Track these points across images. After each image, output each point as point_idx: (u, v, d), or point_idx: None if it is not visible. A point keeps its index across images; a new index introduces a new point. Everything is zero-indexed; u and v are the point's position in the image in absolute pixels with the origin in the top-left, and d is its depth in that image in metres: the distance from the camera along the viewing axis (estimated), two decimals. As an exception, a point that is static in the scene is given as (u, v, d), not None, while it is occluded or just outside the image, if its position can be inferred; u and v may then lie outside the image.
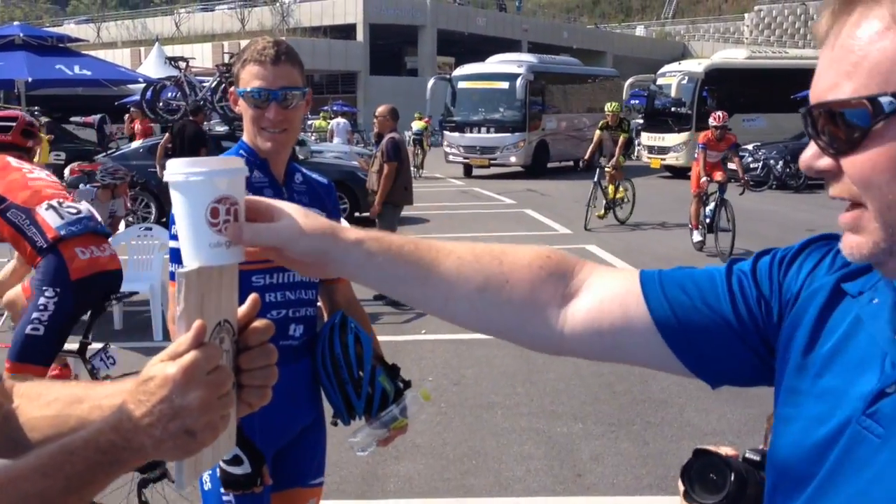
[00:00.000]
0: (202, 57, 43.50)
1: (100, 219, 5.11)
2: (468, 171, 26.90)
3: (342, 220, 9.68)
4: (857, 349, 0.99)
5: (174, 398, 1.01)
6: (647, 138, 26.57)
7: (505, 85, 26.49)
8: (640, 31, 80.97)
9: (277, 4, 59.62)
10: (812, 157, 0.94)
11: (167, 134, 14.40)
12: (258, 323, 1.14)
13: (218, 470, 2.46)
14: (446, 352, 7.44)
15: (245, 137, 2.63)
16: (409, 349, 7.42)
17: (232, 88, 2.64)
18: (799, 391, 1.04)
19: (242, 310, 1.14)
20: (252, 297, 1.15)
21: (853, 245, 0.94)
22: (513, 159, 26.18)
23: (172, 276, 2.43)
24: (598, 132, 15.73)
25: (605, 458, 5.13)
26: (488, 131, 26.19)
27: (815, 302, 1.06)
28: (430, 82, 28.03)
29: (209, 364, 1.02)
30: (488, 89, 26.77)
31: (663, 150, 25.32)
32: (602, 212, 15.58)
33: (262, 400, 1.15)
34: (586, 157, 15.73)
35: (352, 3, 56.76)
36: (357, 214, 14.38)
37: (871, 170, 0.89)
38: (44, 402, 1.26)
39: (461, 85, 27.34)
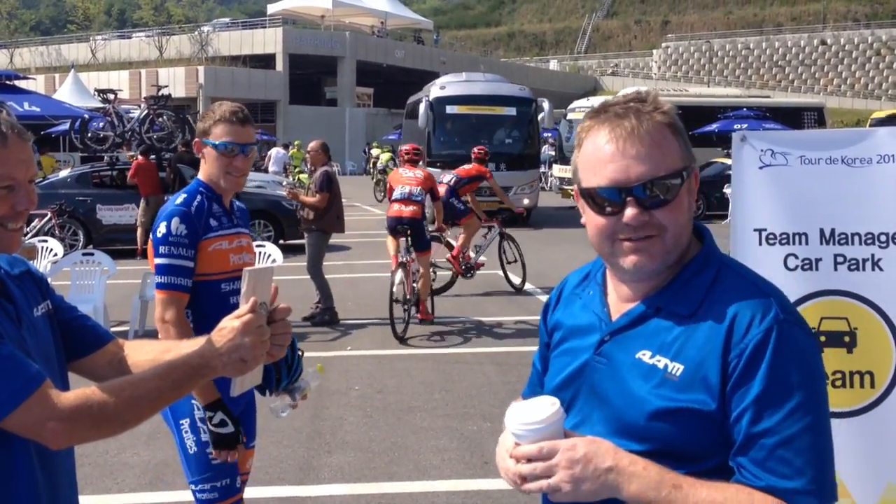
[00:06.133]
0: (119, 84, 43.45)
1: None
2: None
3: (269, 244, 10.30)
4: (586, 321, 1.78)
5: (236, 339, 1.82)
6: (558, 170, 27.78)
7: (512, 111, 21.71)
8: (553, 65, 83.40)
9: (196, 33, 59.77)
10: (635, 213, 1.60)
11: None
12: (282, 306, 1.95)
13: (209, 434, 3.23)
14: (370, 365, 8.23)
15: (203, 177, 3.45)
16: (337, 363, 8.18)
17: (197, 139, 3.46)
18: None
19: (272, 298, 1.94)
20: (274, 287, 1.96)
21: (649, 259, 1.62)
22: (526, 202, 20.12)
23: (159, 285, 3.28)
24: None
25: (508, 449, 5.98)
26: (497, 168, 19.05)
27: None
28: (423, 105, 21.53)
29: (257, 322, 1.85)
30: (488, 116, 21.70)
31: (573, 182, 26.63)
32: None
33: (280, 353, 1.95)
34: None
35: (271, 34, 57.38)
36: (282, 242, 15.05)
37: (674, 212, 1.61)
38: (143, 351, 2.07)
39: (450, 110, 21.55)
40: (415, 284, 9.82)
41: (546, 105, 21.82)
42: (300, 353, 3.61)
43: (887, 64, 69.61)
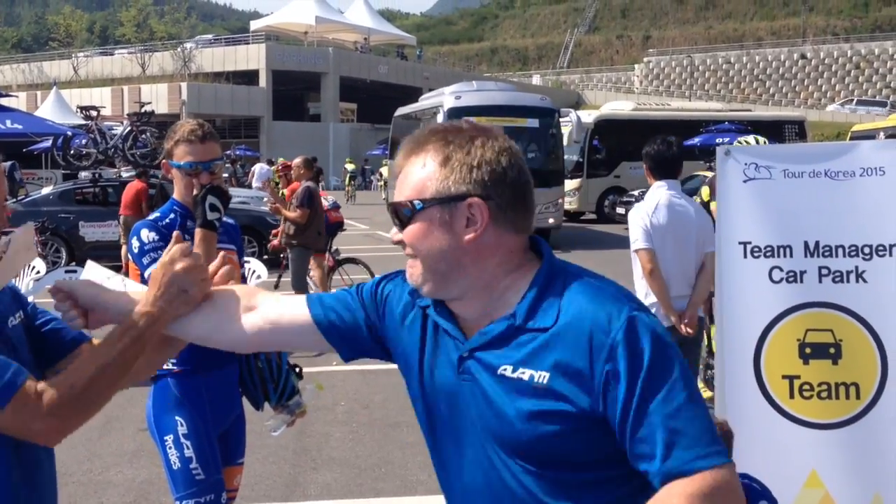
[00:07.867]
0: (101, 100, 43.35)
1: None
2: None
3: (253, 259, 10.46)
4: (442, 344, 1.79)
5: (168, 273, 1.87)
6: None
7: (534, 122, 19.62)
8: (536, 79, 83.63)
9: (179, 49, 59.63)
10: (394, 232, 1.76)
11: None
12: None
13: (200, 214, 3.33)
14: (356, 380, 8.21)
15: (176, 196, 3.50)
16: (322, 378, 8.07)
17: (164, 160, 3.53)
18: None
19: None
20: (221, 254, 2.06)
21: (412, 276, 1.74)
22: (550, 221, 19.00)
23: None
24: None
25: (495, 464, 5.97)
26: None
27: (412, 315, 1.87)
28: (440, 117, 19.86)
29: (183, 252, 1.88)
30: (510, 128, 18.33)
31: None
32: None
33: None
34: None
35: (254, 50, 57.35)
36: (266, 257, 14.98)
37: (413, 238, 1.71)
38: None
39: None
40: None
41: (574, 116, 20.46)
42: (298, 369, 3.69)
43: (866, 77, 70.31)
